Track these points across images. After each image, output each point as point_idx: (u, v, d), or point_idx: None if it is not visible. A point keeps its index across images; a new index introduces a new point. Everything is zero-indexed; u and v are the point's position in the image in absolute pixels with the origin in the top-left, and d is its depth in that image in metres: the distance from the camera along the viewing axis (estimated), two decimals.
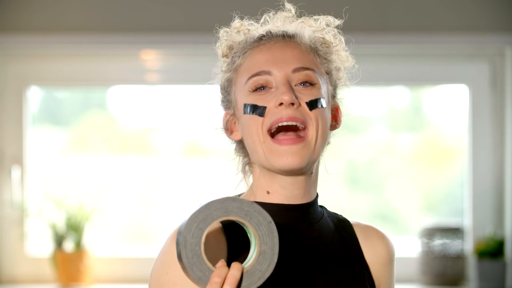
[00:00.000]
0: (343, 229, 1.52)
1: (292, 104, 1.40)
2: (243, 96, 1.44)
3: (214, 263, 1.28)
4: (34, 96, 3.80)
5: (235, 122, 1.49)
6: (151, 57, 3.73)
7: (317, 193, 1.51)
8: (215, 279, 1.25)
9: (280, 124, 1.40)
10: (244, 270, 1.27)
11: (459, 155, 3.83)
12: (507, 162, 3.66)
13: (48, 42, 3.56)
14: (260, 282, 1.27)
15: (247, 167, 1.51)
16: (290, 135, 1.41)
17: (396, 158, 3.85)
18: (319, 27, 1.50)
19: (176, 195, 3.81)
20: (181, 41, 3.58)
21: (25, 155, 3.73)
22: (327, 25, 1.51)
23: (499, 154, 3.71)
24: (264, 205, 1.45)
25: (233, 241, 1.40)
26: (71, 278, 3.62)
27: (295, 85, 1.42)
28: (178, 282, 1.36)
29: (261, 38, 1.46)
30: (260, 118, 1.41)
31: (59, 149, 3.81)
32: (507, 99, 3.65)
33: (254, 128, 1.42)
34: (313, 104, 1.42)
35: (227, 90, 1.49)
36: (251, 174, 1.50)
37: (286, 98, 1.39)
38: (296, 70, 1.42)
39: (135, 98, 3.84)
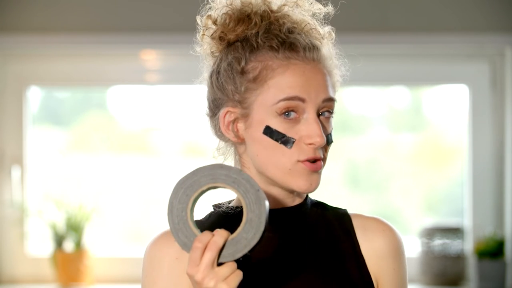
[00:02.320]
0: (339, 224, 1.50)
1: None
2: (267, 114, 1.42)
3: None
4: (34, 96, 3.80)
5: (237, 124, 1.46)
6: (151, 57, 3.73)
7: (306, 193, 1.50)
8: (197, 244, 1.26)
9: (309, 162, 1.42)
10: (230, 238, 1.26)
11: (459, 155, 3.83)
12: (507, 163, 3.66)
13: (48, 42, 3.56)
14: (245, 250, 1.26)
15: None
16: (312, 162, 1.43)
17: (396, 158, 3.85)
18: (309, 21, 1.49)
19: None
20: (181, 41, 3.57)
21: (25, 155, 3.73)
22: (314, 14, 1.51)
23: (499, 154, 3.71)
24: None
25: None
26: (71, 278, 3.62)
27: (319, 115, 1.43)
28: (157, 281, 1.39)
29: (290, 50, 1.43)
30: (287, 149, 1.41)
31: (59, 149, 3.81)
32: (507, 99, 3.65)
33: (278, 155, 1.41)
34: (330, 139, 1.45)
35: (239, 90, 1.44)
36: None
37: (320, 141, 1.40)
38: (325, 100, 1.43)
39: (135, 98, 3.84)
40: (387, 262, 1.49)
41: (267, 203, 1.26)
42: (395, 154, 3.86)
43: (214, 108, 1.49)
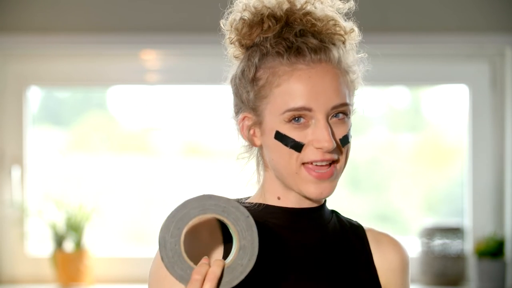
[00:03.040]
0: (354, 234, 1.52)
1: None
2: (276, 122, 1.42)
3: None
4: (34, 96, 3.80)
5: (254, 129, 1.46)
6: (151, 57, 3.73)
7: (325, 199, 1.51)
8: (195, 276, 1.26)
9: (315, 164, 1.42)
10: (226, 266, 1.28)
11: (459, 155, 3.83)
12: (507, 162, 3.66)
13: (48, 42, 3.56)
14: (242, 277, 1.29)
15: (260, 168, 1.50)
16: (323, 168, 1.42)
17: (396, 158, 3.85)
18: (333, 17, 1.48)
19: (176, 195, 3.81)
20: (181, 41, 3.58)
21: (25, 155, 3.73)
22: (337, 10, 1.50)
23: (499, 154, 3.71)
24: (269, 208, 1.47)
25: (230, 238, 1.41)
26: (71, 278, 3.62)
27: (330, 118, 1.42)
28: (169, 275, 1.37)
29: (296, 55, 1.42)
30: (295, 153, 1.41)
31: (59, 149, 3.81)
32: (507, 99, 3.65)
33: (287, 159, 1.42)
34: (345, 140, 1.44)
35: (250, 98, 1.45)
36: (264, 177, 1.50)
37: (328, 146, 1.40)
38: (335, 107, 1.42)
39: (135, 98, 3.84)
40: (397, 276, 1.52)
41: (256, 228, 1.29)
42: (395, 154, 3.86)
43: (236, 112, 1.49)
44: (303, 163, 1.42)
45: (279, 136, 1.42)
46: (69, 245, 3.68)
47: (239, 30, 1.47)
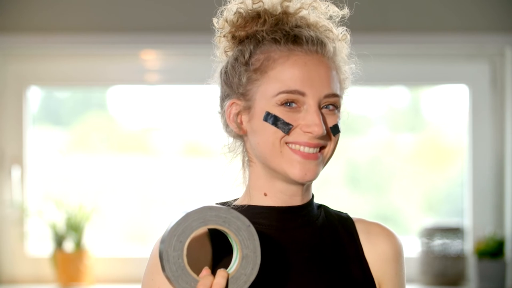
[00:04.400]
0: (343, 227, 1.51)
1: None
2: (268, 104, 1.42)
3: (197, 268, 1.30)
4: (34, 96, 3.80)
5: (241, 116, 1.46)
6: (151, 57, 3.73)
7: (312, 194, 1.51)
8: None
9: (302, 149, 1.41)
10: (229, 276, 1.28)
11: (459, 155, 3.83)
12: (507, 162, 3.66)
13: (48, 42, 3.57)
14: (246, 286, 1.29)
15: (246, 165, 1.50)
16: (309, 149, 1.42)
17: (396, 159, 3.85)
18: (327, 24, 1.50)
19: (176, 195, 3.81)
20: (181, 41, 3.58)
21: (25, 155, 3.73)
22: (331, 16, 1.52)
23: (499, 154, 3.71)
24: (256, 208, 1.46)
25: (218, 245, 1.41)
26: (71, 278, 3.62)
27: (321, 108, 1.43)
28: (162, 286, 1.38)
29: (293, 42, 1.44)
30: (281, 133, 1.41)
31: (59, 149, 3.81)
32: (507, 99, 3.65)
33: (271, 139, 1.42)
34: (336, 129, 1.44)
35: (242, 82, 1.45)
36: (249, 174, 1.49)
37: (318, 130, 1.40)
38: (328, 96, 1.43)
39: (135, 98, 3.84)
40: (390, 266, 1.50)
41: (258, 237, 1.29)
42: (395, 154, 3.86)
43: (222, 103, 1.50)
44: (287, 143, 1.41)
45: (268, 116, 1.41)
46: (69, 245, 3.68)
47: (234, 22, 1.48)
